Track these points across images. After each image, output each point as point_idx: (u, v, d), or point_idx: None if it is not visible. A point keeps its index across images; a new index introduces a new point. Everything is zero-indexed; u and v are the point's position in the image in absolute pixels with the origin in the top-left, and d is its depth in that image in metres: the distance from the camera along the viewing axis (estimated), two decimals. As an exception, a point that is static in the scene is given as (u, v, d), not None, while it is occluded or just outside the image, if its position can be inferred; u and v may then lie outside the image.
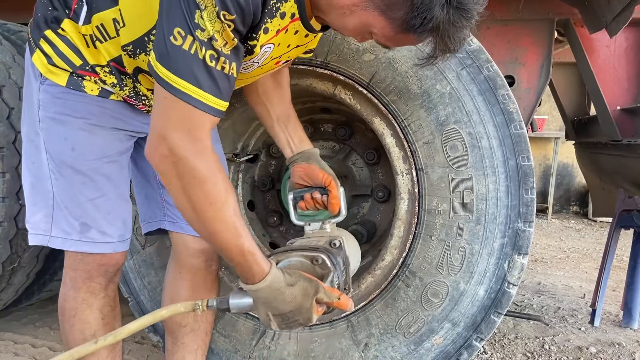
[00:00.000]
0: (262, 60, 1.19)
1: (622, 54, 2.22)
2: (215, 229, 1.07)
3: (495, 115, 1.50)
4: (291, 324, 1.17)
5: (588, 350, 2.45)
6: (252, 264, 1.10)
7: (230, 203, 1.07)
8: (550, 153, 7.02)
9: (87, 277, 1.38)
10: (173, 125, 1.00)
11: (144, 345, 2.36)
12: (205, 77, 0.98)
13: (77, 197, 1.32)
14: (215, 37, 0.96)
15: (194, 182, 1.02)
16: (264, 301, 1.14)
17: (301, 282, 1.15)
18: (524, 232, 1.50)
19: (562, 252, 4.80)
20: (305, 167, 1.50)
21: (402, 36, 1.03)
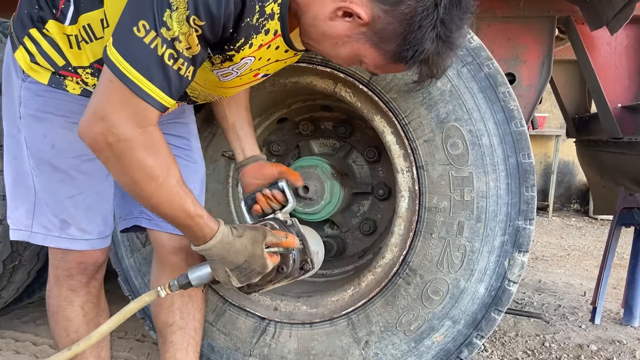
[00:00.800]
0: (242, 71, 1.21)
1: (622, 52, 2.22)
2: (159, 200, 1.10)
3: (495, 113, 1.50)
4: (249, 274, 1.24)
5: (589, 347, 2.45)
6: (203, 225, 1.15)
7: (173, 174, 1.09)
8: (551, 151, 7.02)
9: (68, 275, 1.41)
10: (113, 108, 1.01)
11: (144, 343, 2.36)
12: (158, 73, 1.00)
13: (56, 194, 1.33)
14: (179, 39, 0.98)
15: (133, 160, 1.03)
16: (219, 258, 1.20)
17: (248, 231, 1.23)
18: (524, 229, 1.50)
19: (563, 250, 4.80)
20: (255, 165, 1.56)
21: (392, 65, 1.12)
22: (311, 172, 1.88)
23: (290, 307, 1.78)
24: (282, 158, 2.20)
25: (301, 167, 1.93)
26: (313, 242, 1.49)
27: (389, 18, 1.03)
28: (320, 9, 1.07)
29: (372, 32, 1.05)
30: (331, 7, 1.05)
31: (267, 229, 1.27)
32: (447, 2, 1.00)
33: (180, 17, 0.96)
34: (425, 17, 1.00)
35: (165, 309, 1.56)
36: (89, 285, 1.44)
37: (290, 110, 2.12)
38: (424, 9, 1.00)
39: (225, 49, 1.10)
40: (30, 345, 2.35)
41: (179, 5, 0.95)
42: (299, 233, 1.42)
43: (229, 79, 1.24)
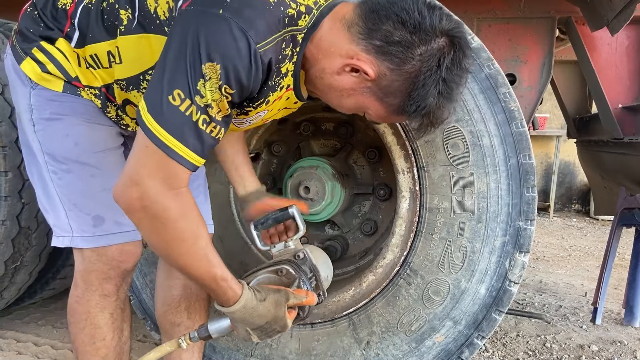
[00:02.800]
0: (255, 121, 1.28)
1: (623, 52, 2.22)
2: (187, 262, 1.12)
3: (496, 114, 1.50)
4: (270, 333, 1.26)
5: (589, 348, 2.45)
6: (226, 289, 1.17)
7: (203, 237, 1.13)
8: (552, 151, 7.02)
9: (104, 278, 1.38)
10: (149, 173, 1.04)
11: (145, 344, 2.36)
12: (193, 138, 1.04)
13: (88, 191, 1.33)
14: (211, 105, 1.03)
15: (167, 222, 1.06)
16: (241, 320, 1.21)
17: (271, 295, 1.23)
18: (525, 230, 1.50)
19: (564, 251, 4.80)
20: (258, 204, 1.57)
21: (395, 117, 1.18)
22: (312, 172, 1.89)
23: (291, 308, 1.79)
24: (282, 158, 2.20)
25: (302, 167, 1.93)
26: (323, 268, 1.51)
27: (394, 76, 1.09)
28: (329, 64, 1.13)
29: (377, 88, 1.11)
30: (340, 63, 1.12)
31: (289, 292, 1.27)
32: (449, 63, 1.08)
33: (212, 86, 1.01)
34: (429, 76, 1.07)
35: (173, 309, 1.56)
36: (120, 290, 1.42)
37: (291, 111, 2.12)
38: (428, 69, 1.07)
39: (245, 105, 1.16)
40: (32, 346, 2.36)
41: (211, 75, 1.00)
42: (311, 267, 1.43)
43: (242, 127, 1.32)
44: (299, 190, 1.89)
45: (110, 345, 1.42)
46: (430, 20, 1.06)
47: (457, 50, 1.09)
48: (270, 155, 2.21)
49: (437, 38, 1.07)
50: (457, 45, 1.10)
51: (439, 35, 1.07)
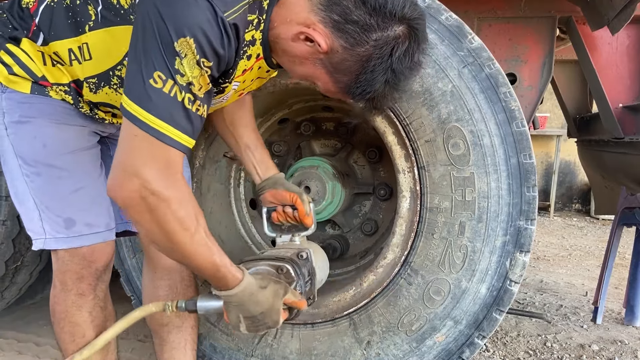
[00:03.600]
0: (228, 96, 1.28)
1: (624, 52, 2.22)
2: (190, 252, 1.11)
3: (497, 113, 1.50)
4: (259, 326, 1.25)
5: (590, 347, 2.45)
6: (226, 274, 1.17)
7: (201, 225, 1.12)
8: (552, 151, 7.02)
9: (77, 278, 1.38)
10: (145, 162, 1.02)
11: (146, 344, 2.37)
12: (182, 118, 1.03)
13: (57, 193, 1.32)
14: (193, 82, 1.02)
15: (168, 212, 1.04)
16: (238, 304, 1.20)
17: (272, 284, 1.24)
18: (525, 229, 1.50)
19: (565, 250, 4.80)
20: (272, 192, 1.58)
21: (341, 95, 1.19)
22: (313, 172, 1.89)
23: (292, 308, 1.79)
24: (283, 158, 2.21)
25: (302, 167, 1.93)
26: (320, 272, 1.52)
27: (346, 55, 1.09)
28: (286, 30, 1.13)
29: (328, 62, 1.12)
30: (296, 30, 1.11)
31: (289, 287, 1.28)
32: (401, 54, 1.08)
33: (190, 62, 1.00)
34: (380, 64, 1.08)
35: None
36: (97, 289, 1.42)
37: (291, 111, 2.12)
38: (380, 56, 1.07)
39: (220, 82, 1.16)
40: (33, 346, 2.36)
41: (187, 52, 0.99)
42: (310, 269, 1.44)
43: (217, 103, 1.31)
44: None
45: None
46: (392, 5, 1.05)
47: (412, 41, 1.09)
48: (271, 155, 2.21)
49: (395, 25, 1.06)
50: (414, 36, 1.09)
51: (397, 23, 1.06)
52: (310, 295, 1.44)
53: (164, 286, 1.56)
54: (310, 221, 1.57)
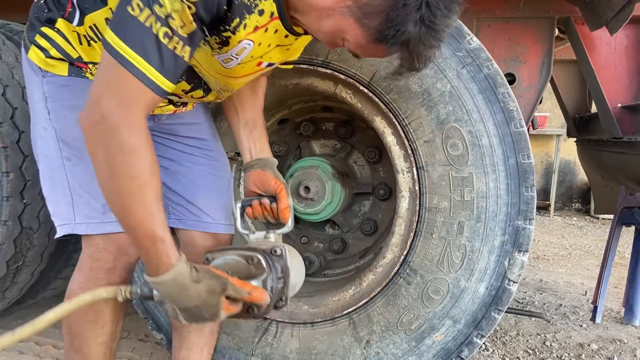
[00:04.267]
0: (242, 58, 1.19)
1: (622, 52, 2.22)
2: (131, 205, 1.03)
3: (495, 114, 1.51)
4: (197, 318, 1.14)
5: (589, 347, 2.46)
6: (161, 252, 1.05)
7: (153, 185, 1.03)
8: (552, 150, 7.02)
9: (109, 269, 1.34)
10: (110, 93, 0.98)
11: (147, 343, 2.37)
12: (154, 52, 0.98)
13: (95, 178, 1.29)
14: (172, 16, 0.97)
15: (119, 152, 1.00)
16: (167, 295, 1.10)
17: (207, 279, 1.11)
18: (524, 229, 1.51)
19: (564, 250, 4.81)
20: (260, 173, 1.49)
21: (373, 46, 1.06)
22: (312, 172, 1.90)
23: (291, 307, 1.79)
24: (283, 159, 2.21)
25: (302, 167, 1.94)
26: (295, 274, 1.38)
27: None
28: None
29: (356, 7, 1.02)
30: None
31: (229, 281, 1.13)
32: None
33: None
34: None
35: None
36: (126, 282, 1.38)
37: (291, 111, 2.13)
38: None
39: (221, 29, 1.09)
40: (34, 346, 2.36)
41: None
42: (284, 267, 1.30)
43: (231, 66, 1.22)
44: (299, 190, 1.90)
45: (110, 332, 1.40)
46: None
47: None
48: (271, 155, 2.22)
49: None
50: None
51: None
52: (281, 295, 1.30)
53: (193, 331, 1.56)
54: (287, 216, 1.46)
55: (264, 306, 1.20)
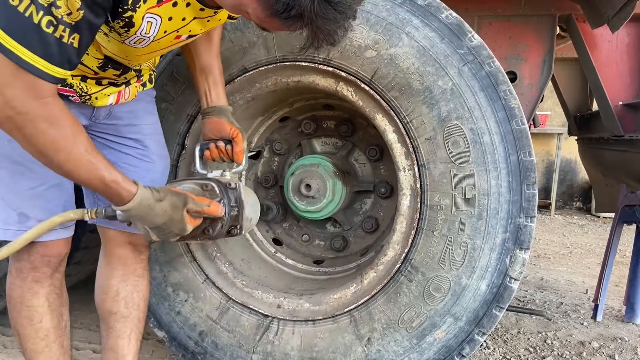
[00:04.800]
0: (154, 34, 1.20)
1: (624, 50, 2.22)
2: (70, 168, 1.12)
3: (497, 111, 1.51)
4: (168, 234, 1.28)
5: (590, 345, 2.46)
6: (119, 189, 1.17)
7: (80, 142, 1.11)
8: (553, 149, 7.01)
9: (32, 268, 1.42)
10: (7, 82, 1.00)
11: (149, 341, 2.38)
12: (36, 41, 0.97)
13: (15, 188, 1.35)
14: (56, 4, 0.96)
15: (36, 132, 1.04)
16: (138, 217, 1.22)
17: (169, 196, 1.24)
18: (525, 227, 1.51)
19: (565, 248, 4.81)
20: (216, 120, 1.59)
21: (270, 20, 1.03)
22: (313, 170, 1.90)
23: (293, 305, 1.80)
24: (284, 157, 2.21)
25: (303, 165, 1.94)
26: (250, 208, 1.54)
27: None
28: None
29: None
30: None
31: (189, 196, 1.28)
32: None
33: None
34: None
35: (111, 298, 1.60)
36: (53, 277, 1.46)
37: (292, 109, 2.13)
38: None
39: (120, 10, 1.09)
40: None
41: None
42: (237, 198, 1.47)
43: (144, 45, 1.23)
44: (300, 187, 1.90)
45: (49, 326, 1.47)
46: None
47: None
48: (272, 154, 2.22)
49: None
50: None
51: None
52: (236, 223, 1.47)
53: (116, 275, 1.60)
54: (242, 158, 1.60)
55: (217, 225, 1.36)
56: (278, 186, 2.22)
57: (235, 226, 1.48)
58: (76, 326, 2.61)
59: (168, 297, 1.90)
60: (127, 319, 1.62)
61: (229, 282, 1.87)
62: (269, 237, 2.22)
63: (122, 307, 1.61)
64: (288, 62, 1.69)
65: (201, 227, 1.37)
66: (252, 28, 1.70)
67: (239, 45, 1.72)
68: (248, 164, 1.62)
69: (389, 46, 1.56)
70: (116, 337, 1.62)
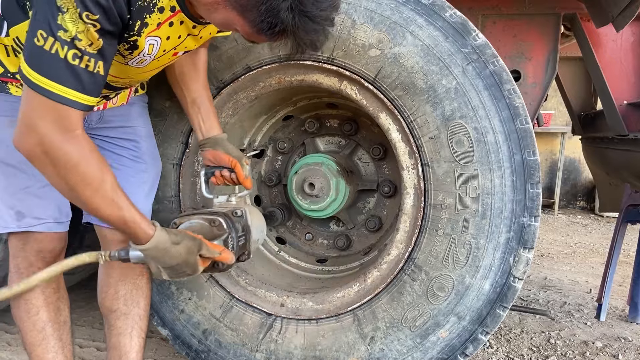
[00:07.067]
0: (155, 53, 1.28)
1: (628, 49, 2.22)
2: (95, 205, 1.17)
3: (501, 110, 1.51)
4: (180, 274, 1.32)
5: (594, 344, 2.45)
6: (137, 231, 1.23)
7: (107, 180, 1.17)
8: (557, 148, 7.00)
9: (28, 264, 1.48)
10: (40, 116, 1.07)
11: (152, 339, 2.38)
12: (66, 75, 1.05)
13: (10, 188, 1.41)
14: (78, 37, 1.03)
15: (67, 166, 1.10)
16: (153, 258, 1.27)
17: (185, 241, 1.28)
18: (529, 226, 1.51)
19: (569, 247, 4.79)
20: (212, 152, 1.63)
21: (257, 36, 1.12)
22: (317, 169, 1.90)
23: (296, 303, 1.80)
24: (287, 155, 2.21)
25: (307, 164, 1.94)
26: (256, 231, 1.58)
27: None
28: None
29: (235, 1, 1.08)
30: None
31: (203, 242, 1.32)
32: None
33: (72, 16, 1.01)
34: None
35: (110, 296, 1.63)
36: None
37: (296, 108, 2.13)
38: None
39: (126, 36, 1.16)
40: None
41: (68, 6, 1.01)
42: (245, 226, 1.51)
43: (145, 64, 1.31)
44: (304, 186, 1.91)
45: (46, 319, 1.53)
46: None
47: None
48: (276, 152, 2.23)
49: None
50: None
51: None
52: (244, 250, 1.52)
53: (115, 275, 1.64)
54: (249, 185, 1.63)
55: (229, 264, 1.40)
56: (281, 185, 2.23)
57: (243, 253, 1.53)
58: (79, 324, 2.63)
59: (172, 295, 1.90)
60: (128, 316, 1.65)
61: (232, 281, 1.87)
62: (273, 235, 2.22)
63: (121, 304, 1.63)
64: (292, 61, 1.69)
65: (211, 264, 1.41)
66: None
67: (243, 44, 1.72)
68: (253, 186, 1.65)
69: (393, 45, 1.56)
70: (118, 335, 1.65)
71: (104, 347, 2.34)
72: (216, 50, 1.73)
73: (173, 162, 1.85)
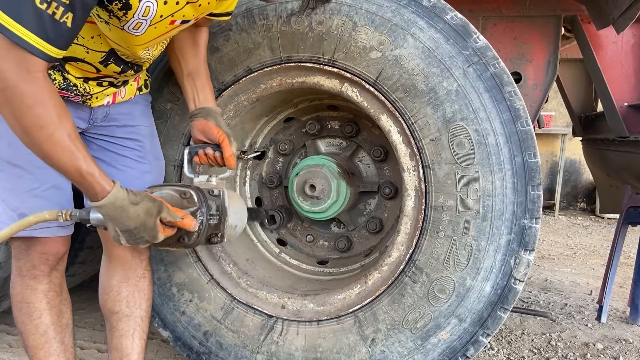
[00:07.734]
0: (151, 18, 1.22)
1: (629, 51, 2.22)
2: (49, 151, 1.11)
3: (501, 112, 1.51)
4: (138, 240, 1.25)
5: (595, 346, 2.45)
6: (93, 183, 1.16)
7: (65, 127, 1.11)
8: (557, 149, 7.00)
9: (31, 266, 1.46)
10: (1, 56, 1.01)
11: (153, 340, 2.38)
12: (30, 18, 0.99)
13: (15, 190, 1.38)
14: None
15: (22, 107, 1.05)
16: (109, 217, 1.21)
17: (145, 201, 1.22)
18: (530, 228, 1.51)
19: (569, 249, 4.79)
20: (203, 122, 1.57)
21: None
22: (318, 171, 1.90)
23: (297, 305, 1.80)
24: (288, 157, 2.22)
25: (308, 166, 1.94)
26: (234, 216, 1.51)
27: None
28: None
29: None
30: None
31: (164, 204, 1.26)
32: None
33: None
34: None
35: (112, 298, 1.63)
36: (51, 275, 1.50)
37: (297, 110, 2.13)
38: None
39: None
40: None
41: None
42: (220, 206, 1.45)
43: (142, 31, 1.25)
44: (304, 188, 1.91)
45: (48, 322, 1.51)
46: None
47: None
48: (276, 154, 2.23)
49: None
50: None
51: None
52: (216, 231, 1.45)
53: (116, 276, 1.62)
54: (233, 163, 1.58)
55: (192, 235, 1.34)
56: (282, 187, 2.23)
57: (215, 234, 1.46)
58: (81, 325, 2.63)
59: (173, 297, 1.90)
60: (130, 318, 1.65)
61: (233, 283, 1.87)
62: (273, 237, 2.23)
63: (123, 306, 1.63)
64: (293, 62, 1.69)
65: (176, 236, 1.35)
66: (257, 29, 1.70)
67: (244, 46, 1.72)
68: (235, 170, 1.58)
69: (394, 47, 1.56)
70: (119, 337, 1.64)
71: (105, 348, 2.34)
72: (217, 52, 1.74)
73: (174, 164, 1.85)
